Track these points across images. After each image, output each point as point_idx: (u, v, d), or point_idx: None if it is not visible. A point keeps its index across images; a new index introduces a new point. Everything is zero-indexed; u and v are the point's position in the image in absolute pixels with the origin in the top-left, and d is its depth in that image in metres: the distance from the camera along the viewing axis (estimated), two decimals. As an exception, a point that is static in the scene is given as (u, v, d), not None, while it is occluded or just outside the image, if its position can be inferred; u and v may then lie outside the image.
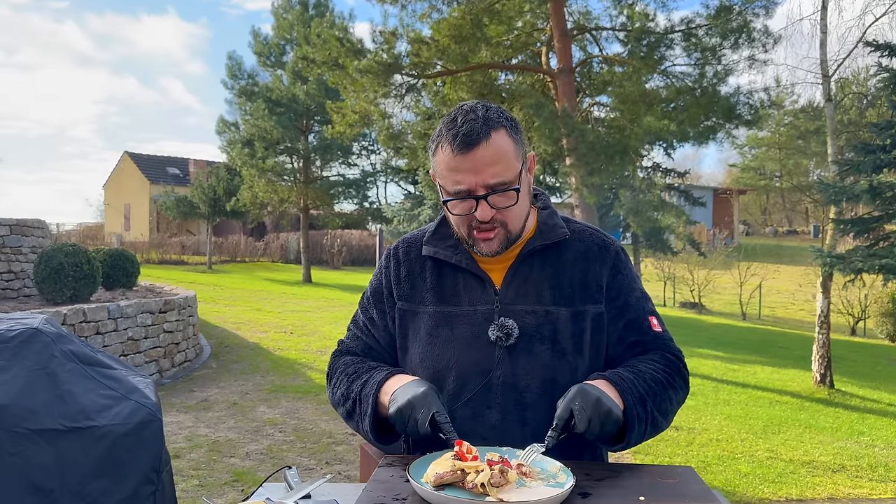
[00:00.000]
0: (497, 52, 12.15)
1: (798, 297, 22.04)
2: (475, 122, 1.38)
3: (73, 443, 1.04)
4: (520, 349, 1.46)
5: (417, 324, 1.54)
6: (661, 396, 1.44)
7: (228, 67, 23.42)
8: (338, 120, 13.17)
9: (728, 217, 36.78)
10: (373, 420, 1.46)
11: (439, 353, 1.49)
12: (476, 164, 1.37)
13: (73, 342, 1.15)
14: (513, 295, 1.50)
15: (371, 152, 27.47)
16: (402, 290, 1.58)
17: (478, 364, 1.46)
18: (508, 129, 1.41)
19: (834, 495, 5.16)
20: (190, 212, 25.64)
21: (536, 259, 1.53)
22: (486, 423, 1.44)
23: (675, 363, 1.53)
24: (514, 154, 1.41)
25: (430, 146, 1.47)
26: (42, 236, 10.10)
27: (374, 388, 1.46)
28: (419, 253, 1.59)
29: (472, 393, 1.46)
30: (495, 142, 1.38)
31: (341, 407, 1.56)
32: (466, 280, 1.53)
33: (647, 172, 16.13)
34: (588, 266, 1.53)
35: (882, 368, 12.12)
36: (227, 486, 4.66)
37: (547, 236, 1.53)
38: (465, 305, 1.51)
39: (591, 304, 1.50)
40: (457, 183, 1.40)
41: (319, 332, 11.73)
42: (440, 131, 1.42)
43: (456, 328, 1.50)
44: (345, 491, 1.34)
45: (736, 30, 11.28)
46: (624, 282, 1.56)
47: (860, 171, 8.52)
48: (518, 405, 1.43)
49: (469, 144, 1.36)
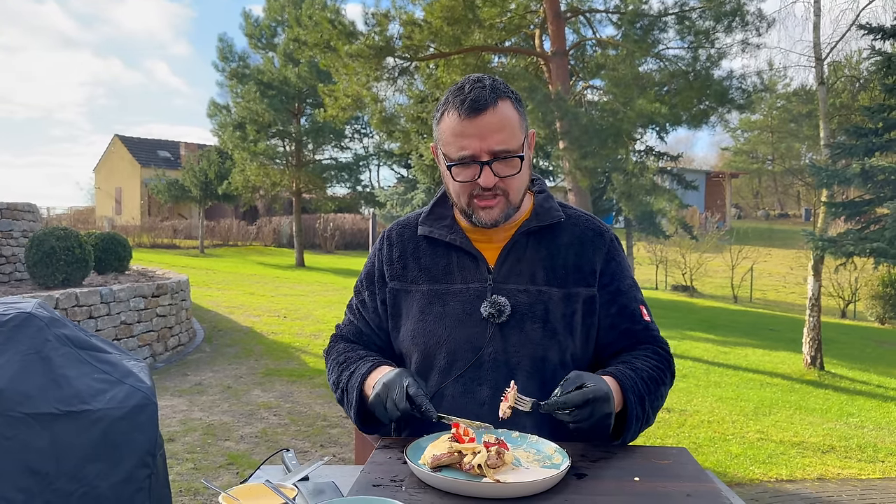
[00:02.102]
0: (490, 35, 12.07)
1: (789, 280, 22.16)
2: (483, 90, 1.40)
3: (69, 426, 1.04)
4: (511, 327, 1.47)
5: (410, 302, 1.55)
6: (654, 394, 1.48)
7: (219, 49, 23.21)
8: (330, 103, 13.08)
9: (720, 200, 36.87)
10: (357, 411, 1.51)
11: (431, 329, 1.50)
12: (482, 129, 1.39)
13: (66, 326, 1.14)
14: (506, 273, 1.51)
15: (364, 135, 27.31)
16: (395, 271, 1.59)
17: (469, 340, 1.47)
18: (514, 101, 1.44)
19: (823, 475, 5.22)
20: (181, 195, 25.48)
21: (531, 240, 1.54)
22: (477, 400, 1.45)
23: (666, 358, 1.56)
24: (519, 125, 1.44)
25: (434, 115, 1.49)
26: (33, 220, 10.03)
27: (359, 381, 1.49)
28: (413, 234, 1.61)
29: (462, 369, 1.47)
30: (502, 110, 1.40)
31: (335, 394, 1.61)
32: (460, 258, 1.54)
33: (639, 156, 16.11)
34: (582, 250, 1.54)
35: (871, 350, 12.23)
36: (222, 469, 4.67)
37: (542, 218, 1.54)
38: (458, 283, 1.52)
39: (583, 286, 1.52)
40: (462, 148, 1.41)
41: (313, 315, 11.73)
42: (447, 99, 1.44)
43: (448, 305, 1.50)
44: (343, 473, 1.35)
45: (729, 13, 11.23)
46: (617, 269, 1.57)
47: (852, 155, 8.54)
48: (509, 382, 1.45)
49: (476, 110, 1.38)
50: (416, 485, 1.17)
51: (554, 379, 1.46)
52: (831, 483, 5.08)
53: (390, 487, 1.16)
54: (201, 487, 4.26)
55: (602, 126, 10.96)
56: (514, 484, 1.12)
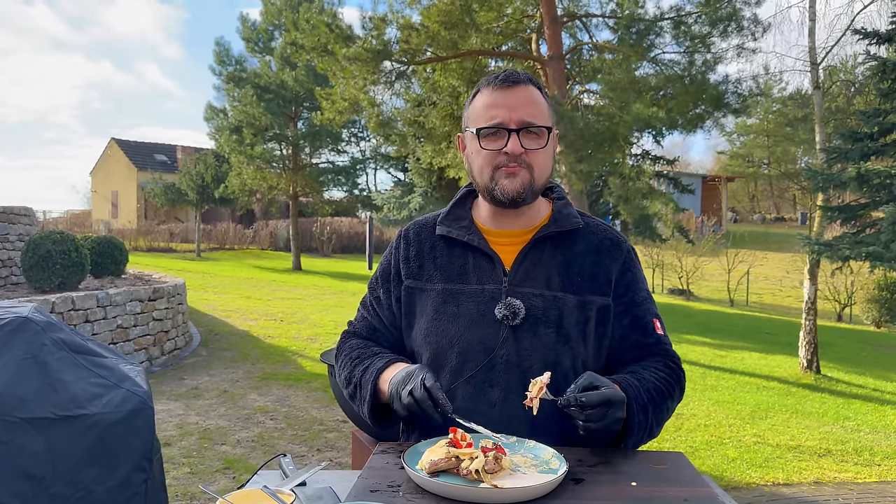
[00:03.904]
0: (487, 39, 12.08)
1: (785, 284, 22.20)
2: (516, 72, 1.52)
3: (65, 431, 1.04)
4: (525, 330, 1.47)
5: (424, 301, 1.56)
6: (660, 406, 1.47)
7: (216, 53, 23.20)
8: (327, 107, 13.07)
9: (716, 204, 36.94)
10: (371, 406, 1.51)
11: (444, 328, 1.50)
12: (513, 100, 1.47)
13: (62, 330, 1.14)
14: (521, 277, 1.52)
15: (361, 139, 27.37)
16: (411, 269, 1.60)
17: (482, 342, 1.47)
18: (542, 92, 1.53)
19: (820, 479, 5.22)
20: (178, 199, 25.46)
21: (548, 245, 1.55)
22: (488, 401, 1.45)
23: (676, 372, 1.56)
24: (547, 110, 1.52)
25: (466, 102, 1.57)
26: (29, 224, 10.01)
27: (374, 376, 1.50)
28: (431, 233, 1.62)
29: (473, 370, 1.47)
30: (532, 90, 1.51)
31: (345, 389, 1.61)
32: (476, 259, 1.55)
33: (636, 160, 16.14)
34: (599, 259, 1.55)
35: (867, 354, 12.25)
36: (219, 474, 4.66)
37: (561, 224, 1.56)
38: (474, 284, 1.53)
39: (598, 295, 1.52)
40: (492, 118, 1.47)
41: (309, 319, 11.71)
42: (480, 83, 1.54)
43: (462, 305, 1.51)
44: (340, 478, 1.35)
45: (725, 18, 11.26)
46: (633, 280, 1.58)
47: (848, 159, 8.56)
48: (521, 385, 1.44)
49: (511, 82, 1.49)
50: (414, 490, 1.17)
51: (566, 384, 1.46)
52: (828, 487, 5.09)
53: (388, 493, 1.16)
54: (198, 492, 4.25)
55: (598, 130, 10.98)
56: (511, 489, 1.12)
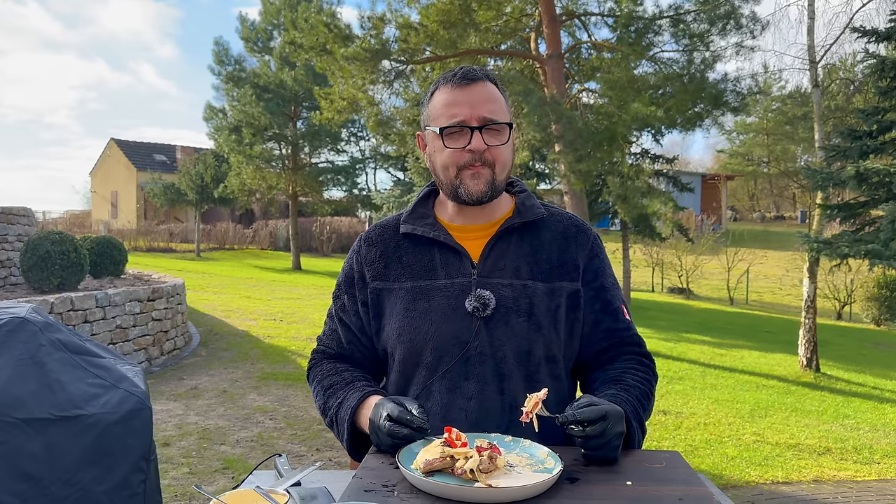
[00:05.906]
0: (486, 38, 12.08)
1: (785, 282, 22.20)
2: (472, 69, 1.51)
3: (62, 432, 1.04)
4: (497, 320, 1.48)
5: (394, 300, 1.55)
6: (648, 409, 1.50)
7: (215, 53, 23.22)
8: (326, 106, 13.07)
9: (716, 203, 36.92)
10: (350, 445, 1.51)
11: (417, 325, 1.50)
12: (473, 98, 1.47)
13: (60, 331, 1.14)
14: (490, 268, 1.52)
15: (360, 139, 27.35)
16: (376, 271, 1.59)
17: (455, 335, 1.48)
18: (499, 88, 1.53)
19: (819, 477, 5.23)
20: (178, 199, 25.45)
21: (515, 236, 1.56)
22: (464, 394, 1.46)
23: (649, 365, 1.59)
24: (505, 107, 1.52)
25: (424, 99, 1.56)
26: (28, 224, 10.01)
27: (349, 414, 1.48)
28: (393, 234, 1.62)
29: (449, 365, 1.47)
30: (490, 86, 1.50)
31: (322, 417, 1.61)
32: (444, 254, 1.55)
33: (635, 159, 16.13)
34: (566, 245, 1.57)
35: (867, 352, 12.26)
36: (218, 474, 4.67)
37: (525, 215, 1.57)
38: (442, 279, 1.53)
39: (567, 281, 1.54)
40: (453, 116, 1.47)
41: (309, 319, 11.71)
42: (436, 81, 1.53)
43: (433, 300, 1.51)
44: (335, 478, 1.35)
45: (724, 16, 11.26)
46: (600, 266, 1.60)
47: (847, 157, 8.56)
48: (496, 375, 1.45)
49: (468, 80, 1.48)
50: (409, 490, 1.17)
51: (539, 373, 1.48)
52: (827, 485, 5.09)
53: (382, 492, 1.16)
54: (196, 493, 4.26)
55: (597, 129, 10.99)
56: (506, 489, 1.13)
